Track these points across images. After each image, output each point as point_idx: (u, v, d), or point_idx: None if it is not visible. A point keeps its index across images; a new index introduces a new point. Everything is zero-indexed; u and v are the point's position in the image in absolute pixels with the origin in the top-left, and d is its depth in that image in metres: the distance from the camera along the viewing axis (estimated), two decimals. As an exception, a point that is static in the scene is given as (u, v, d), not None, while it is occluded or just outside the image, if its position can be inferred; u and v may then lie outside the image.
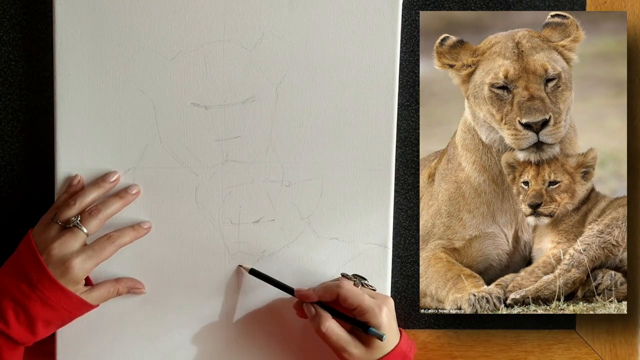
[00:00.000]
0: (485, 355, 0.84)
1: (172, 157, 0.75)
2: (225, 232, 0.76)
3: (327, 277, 0.77)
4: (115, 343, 0.76)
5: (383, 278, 0.78)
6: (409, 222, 0.85)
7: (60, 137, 0.74)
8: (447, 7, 0.83)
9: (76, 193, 0.72)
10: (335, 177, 0.76)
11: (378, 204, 0.77)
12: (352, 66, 0.75)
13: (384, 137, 0.76)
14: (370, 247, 0.77)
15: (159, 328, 0.76)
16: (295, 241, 0.77)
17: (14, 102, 0.79)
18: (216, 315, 0.77)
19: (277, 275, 0.76)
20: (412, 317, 0.87)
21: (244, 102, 0.75)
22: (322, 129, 0.76)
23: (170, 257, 0.76)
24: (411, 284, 0.86)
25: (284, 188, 0.76)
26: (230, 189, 0.76)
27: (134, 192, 0.74)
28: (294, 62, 0.75)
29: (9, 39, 0.78)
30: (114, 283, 0.74)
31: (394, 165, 0.77)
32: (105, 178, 0.73)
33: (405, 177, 0.85)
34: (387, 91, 0.76)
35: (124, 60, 0.73)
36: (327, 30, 0.75)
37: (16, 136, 0.79)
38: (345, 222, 0.77)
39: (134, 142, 0.74)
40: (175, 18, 0.73)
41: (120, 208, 0.73)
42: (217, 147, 0.75)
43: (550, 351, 0.86)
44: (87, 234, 0.70)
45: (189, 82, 0.74)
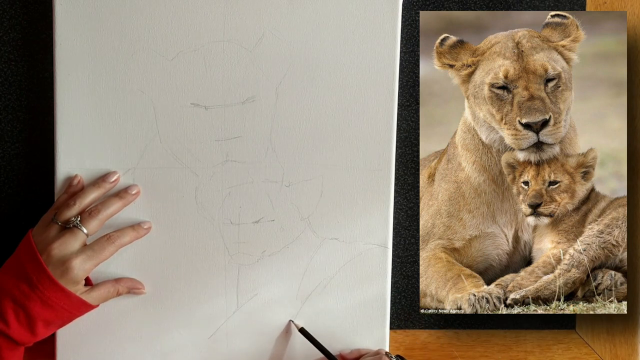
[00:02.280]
0: (485, 355, 0.84)
1: (172, 157, 0.75)
2: (225, 232, 0.76)
3: (327, 277, 0.77)
4: (115, 343, 0.76)
5: (383, 278, 0.78)
6: (409, 222, 0.85)
7: (60, 137, 0.74)
8: (447, 7, 0.83)
9: (76, 193, 0.72)
10: (335, 177, 0.76)
11: (378, 204, 0.77)
12: (352, 66, 0.75)
13: (384, 137, 0.76)
14: (370, 247, 0.77)
15: (159, 328, 0.76)
16: (295, 241, 0.77)
17: (14, 102, 0.79)
18: (216, 315, 0.77)
19: (276, 276, 0.76)
20: (412, 317, 0.87)
21: (244, 102, 0.75)
22: (322, 129, 0.76)
23: (170, 257, 0.76)
24: (411, 284, 0.86)
25: (284, 188, 0.76)
26: (230, 189, 0.76)
27: (134, 192, 0.74)
28: (294, 62, 0.75)
29: (9, 39, 0.78)
30: (114, 283, 0.74)
31: (394, 165, 0.77)
32: (105, 178, 0.73)
33: (405, 177, 0.85)
34: (387, 91, 0.76)
35: (124, 61, 0.73)
36: (327, 31, 0.75)
37: (16, 136, 0.79)
38: (345, 222, 0.77)
39: (134, 142, 0.74)
40: (175, 18, 0.73)
41: (121, 208, 0.73)
42: (217, 147, 0.75)
43: (550, 351, 0.86)
44: (87, 234, 0.70)
45: (189, 82, 0.74)
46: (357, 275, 0.77)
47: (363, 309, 0.78)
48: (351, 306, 0.78)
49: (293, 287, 0.77)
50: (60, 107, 0.73)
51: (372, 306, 0.78)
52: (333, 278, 0.77)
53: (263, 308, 0.77)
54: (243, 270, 0.77)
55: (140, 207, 0.75)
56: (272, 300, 0.77)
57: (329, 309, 0.78)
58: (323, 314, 0.78)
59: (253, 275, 0.77)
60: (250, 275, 0.77)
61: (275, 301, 0.77)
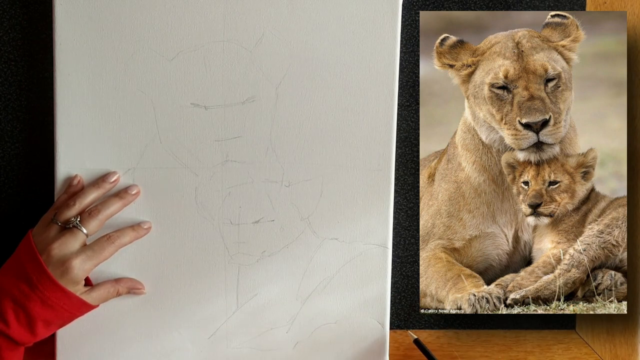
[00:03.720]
0: (485, 356, 0.84)
1: (172, 158, 0.75)
2: (225, 233, 0.76)
3: (327, 277, 0.77)
4: (115, 343, 0.76)
5: (383, 278, 0.77)
6: (409, 222, 0.85)
7: (60, 137, 0.74)
8: (447, 7, 0.83)
9: (76, 193, 0.72)
10: (335, 177, 0.76)
11: (378, 205, 0.77)
12: (352, 66, 0.75)
13: (384, 138, 0.76)
14: (370, 248, 0.77)
15: (159, 328, 0.76)
16: (295, 241, 0.77)
17: (13, 102, 0.79)
18: (216, 315, 0.77)
19: (276, 276, 0.76)
20: (412, 317, 0.87)
21: (244, 103, 0.75)
22: (322, 129, 0.76)
23: (170, 257, 0.76)
24: (411, 284, 0.86)
25: (284, 188, 0.76)
26: (230, 189, 0.76)
27: (134, 192, 0.74)
28: (294, 62, 0.75)
29: (9, 39, 0.78)
30: (114, 283, 0.74)
31: (394, 165, 0.77)
32: (105, 178, 0.73)
33: (405, 177, 0.85)
34: (387, 91, 0.75)
35: (124, 61, 0.73)
36: (327, 31, 0.75)
37: (16, 136, 0.79)
38: (345, 223, 0.77)
39: (134, 142, 0.74)
40: (175, 18, 0.73)
41: (120, 208, 0.73)
42: (217, 147, 0.75)
43: (550, 351, 0.86)
44: (86, 234, 0.70)
45: (188, 82, 0.74)
46: (357, 275, 0.77)
47: (363, 309, 0.78)
48: (351, 306, 0.78)
49: (293, 287, 0.77)
50: (60, 107, 0.73)
51: (372, 306, 0.78)
52: (333, 278, 0.77)
53: (263, 308, 0.77)
54: (243, 270, 0.77)
55: (140, 207, 0.75)
56: (272, 300, 0.77)
57: (328, 309, 0.78)
58: (323, 314, 0.78)
59: (253, 275, 0.77)
60: (250, 275, 0.77)
61: (275, 301, 0.77)
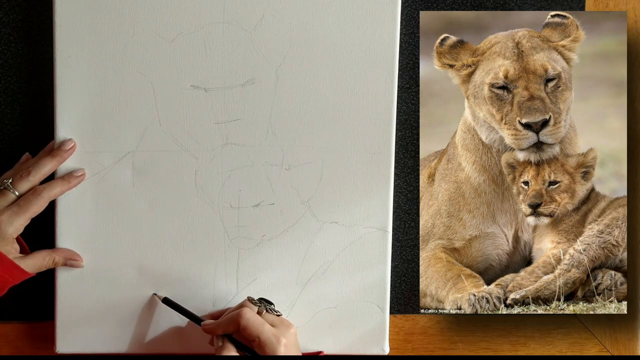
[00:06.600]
0: (485, 340, 0.84)
1: (172, 140, 0.75)
2: (225, 216, 0.76)
3: (327, 261, 0.77)
4: (115, 329, 0.76)
5: (383, 262, 0.77)
6: (408, 206, 0.85)
7: (60, 120, 0.73)
8: (447, 7, 0.83)
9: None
10: (335, 160, 0.76)
11: (378, 188, 0.77)
12: (352, 48, 0.75)
13: (384, 120, 0.76)
14: (370, 231, 0.77)
15: (157, 313, 0.76)
16: (295, 225, 0.77)
17: (13, 85, 0.78)
18: (215, 299, 0.77)
19: (277, 260, 0.76)
20: (412, 301, 0.87)
21: (244, 85, 0.75)
22: (322, 112, 0.76)
23: (169, 241, 0.76)
24: (411, 268, 0.85)
25: (284, 171, 0.76)
26: (230, 172, 0.76)
27: (68, 147, 0.73)
28: (294, 44, 0.74)
29: (9, 20, 0.78)
30: (50, 252, 0.73)
31: (394, 148, 0.76)
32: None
33: (405, 160, 0.84)
34: (388, 73, 0.75)
35: (124, 42, 0.73)
36: (327, 12, 0.74)
37: (16, 119, 0.79)
38: (345, 206, 0.77)
39: (133, 125, 0.74)
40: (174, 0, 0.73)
41: (54, 167, 0.72)
42: (217, 130, 0.75)
43: (550, 336, 0.85)
44: (18, 195, 0.70)
45: (188, 64, 0.74)
46: (357, 259, 0.77)
47: (363, 293, 0.78)
48: (351, 290, 0.78)
49: (293, 271, 0.77)
50: (59, 89, 0.73)
51: (372, 290, 0.78)
52: (333, 262, 0.77)
53: (263, 292, 0.77)
54: (243, 254, 0.77)
55: (139, 190, 0.75)
56: (272, 284, 0.77)
57: (328, 293, 0.78)
58: (323, 298, 0.78)
59: (253, 259, 0.77)
60: (250, 260, 0.77)
61: (275, 285, 0.77)
